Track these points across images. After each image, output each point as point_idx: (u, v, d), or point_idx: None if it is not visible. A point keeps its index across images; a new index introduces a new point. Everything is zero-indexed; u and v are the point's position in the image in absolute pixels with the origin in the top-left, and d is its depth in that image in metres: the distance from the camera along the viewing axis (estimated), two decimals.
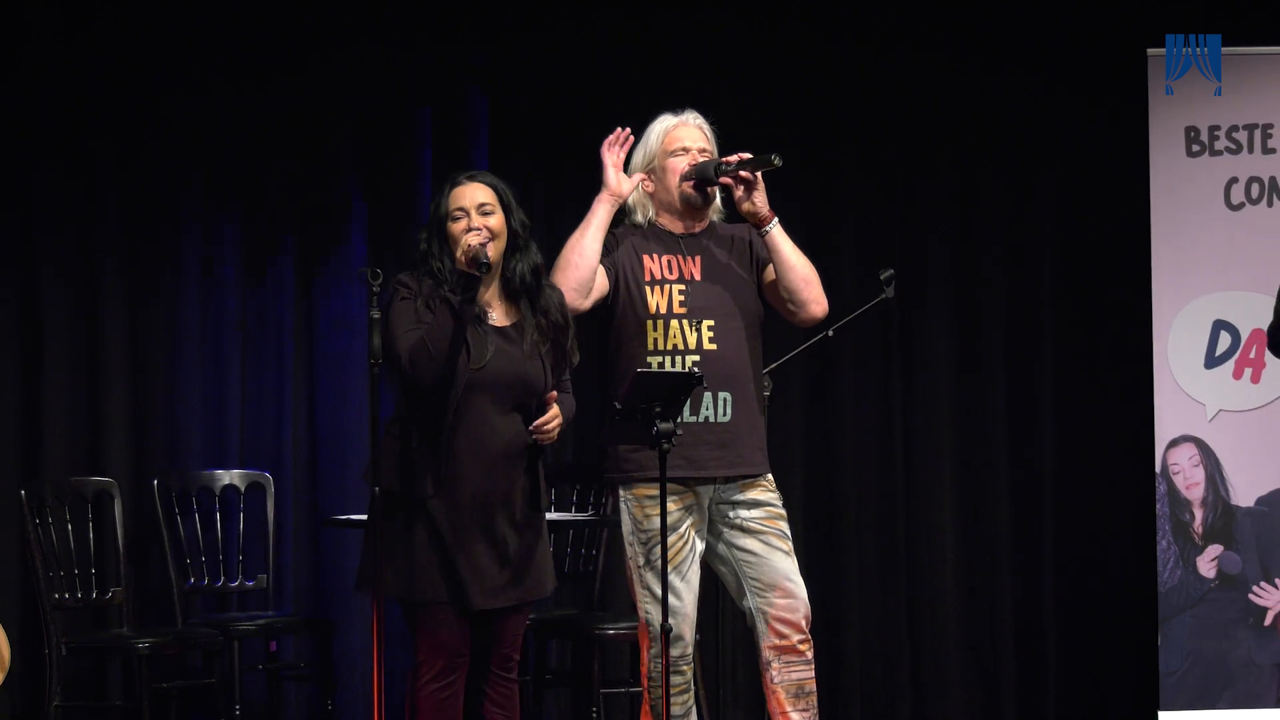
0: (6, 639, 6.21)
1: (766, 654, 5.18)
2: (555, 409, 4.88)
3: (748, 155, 5.08)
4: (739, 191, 5.10)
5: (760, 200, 5.10)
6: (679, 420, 4.90)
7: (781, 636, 5.15)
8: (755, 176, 5.08)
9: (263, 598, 6.62)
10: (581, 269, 5.13)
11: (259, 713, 6.68)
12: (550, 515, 5.80)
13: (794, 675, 5.16)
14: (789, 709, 5.16)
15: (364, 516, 5.52)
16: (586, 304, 5.18)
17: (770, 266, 5.27)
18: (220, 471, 6.71)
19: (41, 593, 6.17)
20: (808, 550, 7.06)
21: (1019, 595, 7.35)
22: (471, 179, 4.95)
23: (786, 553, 5.14)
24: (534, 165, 7.10)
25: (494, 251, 4.83)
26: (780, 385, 6.51)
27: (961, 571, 7.34)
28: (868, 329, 7.11)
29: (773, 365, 6.08)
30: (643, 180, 5.28)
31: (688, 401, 5.02)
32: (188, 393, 6.84)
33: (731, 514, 5.15)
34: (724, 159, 5.11)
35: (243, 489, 6.63)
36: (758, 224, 5.16)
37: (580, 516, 6.11)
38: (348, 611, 6.70)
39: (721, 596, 6.36)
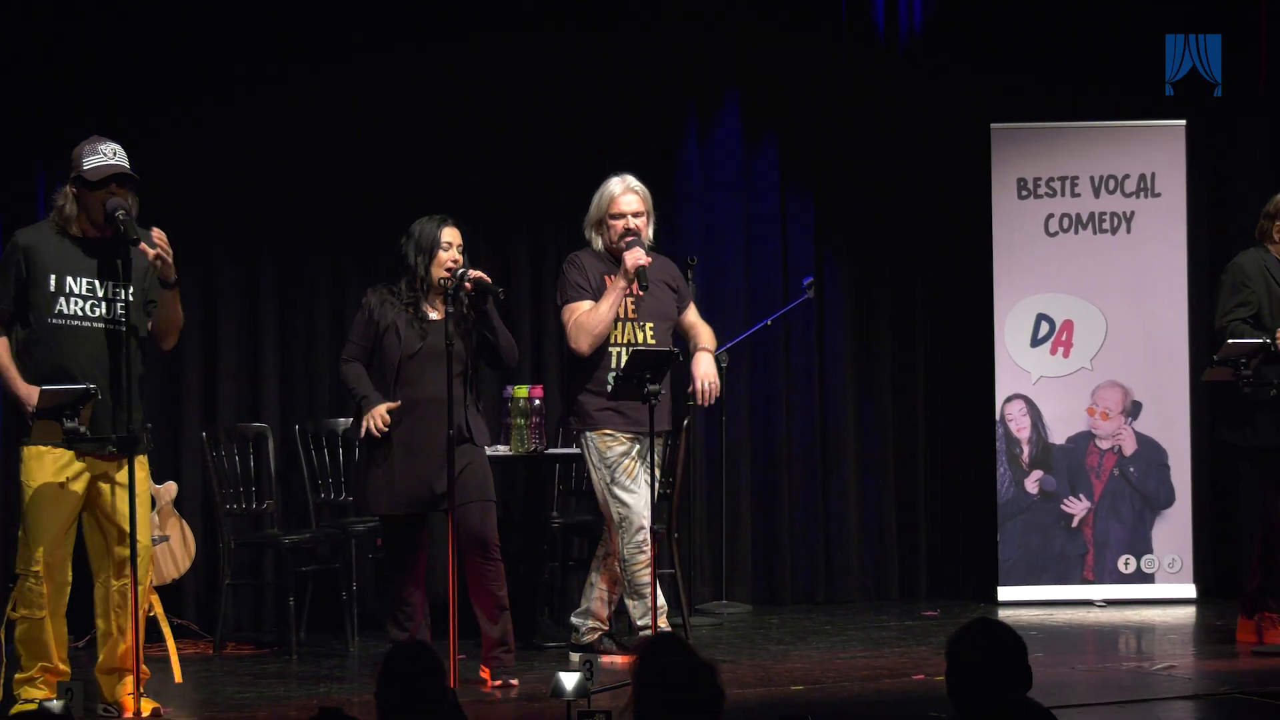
0: (193, 536, 6.94)
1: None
2: None
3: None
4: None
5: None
6: (654, 388, 5.66)
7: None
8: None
9: None
10: (602, 335, 5.97)
11: (368, 588, 7.29)
12: (557, 450, 6.73)
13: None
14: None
15: None
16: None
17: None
18: (343, 419, 7.18)
19: (217, 505, 6.80)
20: (754, 472, 7.85)
21: (901, 505, 8.08)
22: (450, 223, 5.75)
23: (647, 482, 5.93)
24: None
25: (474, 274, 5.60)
26: (736, 358, 7.51)
27: (859, 489, 8.00)
28: (795, 321, 7.83)
29: (728, 344, 7.10)
30: (595, 226, 6.04)
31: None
32: (321, 361, 7.38)
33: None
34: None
35: None
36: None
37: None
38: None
39: (694, 504, 7.27)
